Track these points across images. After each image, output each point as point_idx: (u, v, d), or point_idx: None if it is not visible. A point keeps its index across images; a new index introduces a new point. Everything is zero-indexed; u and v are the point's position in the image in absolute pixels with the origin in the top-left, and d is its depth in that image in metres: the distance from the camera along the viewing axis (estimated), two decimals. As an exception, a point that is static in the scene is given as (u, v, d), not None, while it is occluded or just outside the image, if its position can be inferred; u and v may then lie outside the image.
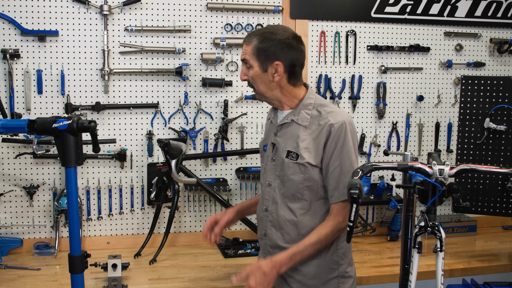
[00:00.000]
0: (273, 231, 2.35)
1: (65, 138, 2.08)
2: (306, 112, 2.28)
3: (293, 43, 2.25)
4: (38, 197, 3.24)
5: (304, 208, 2.28)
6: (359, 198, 1.70)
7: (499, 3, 3.77)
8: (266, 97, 2.33)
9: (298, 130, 2.28)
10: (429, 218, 1.96)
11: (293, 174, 2.26)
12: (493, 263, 3.15)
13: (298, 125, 2.28)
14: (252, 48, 2.25)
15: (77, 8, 3.19)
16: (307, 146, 2.24)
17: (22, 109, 3.16)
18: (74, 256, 2.13)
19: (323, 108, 2.27)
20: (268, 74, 2.25)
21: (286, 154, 2.28)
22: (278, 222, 2.33)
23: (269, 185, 2.37)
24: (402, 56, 3.70)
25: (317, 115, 2.26)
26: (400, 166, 1.90)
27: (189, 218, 3.47)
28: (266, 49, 2.23)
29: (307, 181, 2.25)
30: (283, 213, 2.31)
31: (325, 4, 3.52)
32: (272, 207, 2.35)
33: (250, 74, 2.28)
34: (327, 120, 2.22)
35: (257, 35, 2.25)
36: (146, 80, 3.33)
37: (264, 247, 2.42)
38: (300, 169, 2.24)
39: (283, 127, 2.34)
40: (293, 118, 2.30)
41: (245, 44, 2.28)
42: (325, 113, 2.25)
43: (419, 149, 3.77)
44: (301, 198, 2.28)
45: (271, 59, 2.23)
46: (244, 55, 2.28)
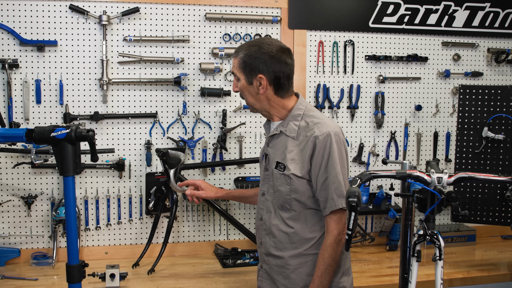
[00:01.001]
0: (267, 239, 2.37)
1: (63, 147, 2.09)
2: (294, 123, 2.30)
3: (277, 56, 2.25)
4: (36, 207, 3.23)
5: (294, 218, 2.29)
6: (357, 206, 1.70)
7: (496, 13, 3.78)
8: (256, 109, 2.37)
9: (286, 141, 2.30)
10: (428, 226, 1.95)
11: (280, 185, 2.28)
12: (493, 272, 3.14)
13: (287, 136, 2.30)
14: (239, 61, 2.29)
15: (76, 18, 3.20)
16: (294, 157, 2.25)
17: (21, 119, 3.16)
18: (72, 266, 2.13)
19: (310, 119, 2.28)
20: (253, 86, 2.29)
21: (276, 165, 2.31)
22: (271, 230, 2.34)
23: (263, 195, 2.40)
24: (400, 66, 3.71)
25: (305, 126, 2.27)
26: (398, 174, 1.90)
27: (188, 228, 3.46)
28: (250, 62, 2.26)
29: (293, 193, 2.26)
30: (275, 222, 2.33)
31: (323, 14, 3.54)
32: (266, 216, 2.37)
33: (239, 86, 2.34)
34: (312, 131, 2.22)
35: (243, 49, 2.29)
36: (145, 90, 3.33)
37: (260, 255, 2.44)
38: (286, 180, 2.26)
39: (273, 138, 2.37)
40: (281, 129, 2.32)
41: (233, 57, 2.33)
42: (312, 124, 2.25)
43: (417, 159, 3.78)
44: (290, 208, 2.29)
45: (255, 72, 2.26)
46: (233, 68, 2.34)
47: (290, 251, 2.30)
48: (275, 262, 2.34)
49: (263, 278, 2.41)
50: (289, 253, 2.30)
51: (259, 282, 2.45)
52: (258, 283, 2.46)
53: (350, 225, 1.74)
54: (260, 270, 2.44)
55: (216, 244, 3.45)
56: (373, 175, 1.84)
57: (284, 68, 2.27)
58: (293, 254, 2.29)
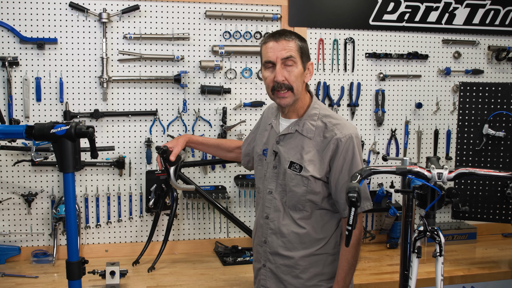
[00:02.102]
0: (274, 238, 2.33)
1: (63, 143, 2.08)
2: (311, 123, 2.25)
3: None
4: (36, 204, 3.23)
5: (305, 218, 2.27)
6: (357, 202, 1.69)
7: (497, 11, 3.78)
8: (297, 99, 2.24)
9: (302, 141, 2.25)
10: (428, 222, 1.95)
11: (295, 186, 2.24)
12: (493, 270, 3.14)
13: (303, 136, 2.25)
14: (296, 45, 2.19)
15: (76, 16, 3.20)
16: (312, 159, 2.22)
17: (21, 116, 3.16)
18: (72, 262, 2.12)
19: (328, 119, 2.25)
20: (305, 74, 2.23)
21: (289, 165, 2.25)
22: (280, 230, 2.30)
23: (270, 193, 2.35)
24: (400, 63, 3.71)
25: (322, 126, 2.24)
26: (398, 170, 1.89)
27: (188, 225, 3.46)
28: (305, 48, 2.23)
29: (309, 194, 2.23)
30: (286, 222, 2.29)
31: (323, 12, 3.54)
32: (274, 215, 2.33)
33: (295, 72, 2.18)
34: (333, 133, 2.20)
35: (293, 34, 2.21)
36: (145, 87, 3.33)
37: (264, 254, 2.39)
38: (303, 181, 2.23)
39: (286, 136, 2.31)
40: (297, 129, 2.27)
41: (284, 41, 2.17)
42: (330, 125, 2.22)
43: (418, 156, 3.77)
44: (302, 209, 2.26)
45: (308, 58, 2.23)
46: (290, 52, 2.17)
47: (301, 251, 2.28)
48: (283, 262, 2.31)
49: (267, 277, 2.36)
50: (299, 253, 2.27)
51: (263, 281, 2.39)
52: (261, 282, 2.40)
53: (350, 220, 1.74)
54: (262, 268, 2.39)
55: (216, 242, 3.45)
56: (373, 171, 1.83)
57: None
58: (304, 255, 2.27)
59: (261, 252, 2.40)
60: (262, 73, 2.30)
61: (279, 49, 2.16)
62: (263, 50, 2.24)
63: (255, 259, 2.47)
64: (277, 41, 2.17)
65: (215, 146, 2.84)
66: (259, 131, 2.54)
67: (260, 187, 2.44)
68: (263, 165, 2.42)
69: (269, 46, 2.19)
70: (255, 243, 2.46)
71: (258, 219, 2.43)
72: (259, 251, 2.41)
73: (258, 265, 2.42)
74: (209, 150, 2.83)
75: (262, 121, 2.55)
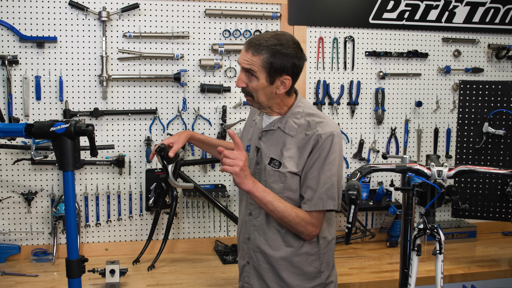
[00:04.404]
0: (257, 235, 2.31)
1: (63, 142, 2.07)
2: (293, 121, 2.25)
3: (299, 55, 2.19)
4: (36, 203, 3.23)
5: None
6: (357, 199, 1.69)
7: (497, 9, 3.78)
8: (262, 106, 2.27)
9: (284, 139, 2.25)
10: (428, 220, 1.95)
11: (273, 182, 2.24)
12: (493, 268, 3.14)
13: (284, 133, 2.25)
14: (262, 61, 2.15)
15: (76, 14, 3.20)
16: (292, 156, 2.21)
17: (21, 115, 3.16)
18: (72, 261, 2.11)
19: (311, 118, 2.24)
20: (273, 86, 2.19)
21: (269, 161, 2.25)
22: (263, 227, 2.30)
23: None
24: (400, 62, 3.71)
25: (305, 124, 2.23)
26: (398, 168, 1.89)
27: (188, 224, 3.46)
28: (277, 63, 2.15)
29: (287, 191, 2.22)
30: (268, 219, 2.28)
31: (323, 10, 3.53)
32: (256, 211, 2.32)
33: (254, 84, 2.19)
34: (315, 130, 2.19)
35: (267, 48, 2.14)
36: (145, 86, 3.33)
37: (248, 251, 2.36)
38: (280, 178, 2.22)
39: (268, 133, 2.30)
40: (280, 126, 2.26)
41: (251, 54, 2.16)
42: (313, 123, 2.22)
43: (418, 155, 3.77)
44: None
45: (281, 73, 2.17)
46: (251, 66, 2.17)
47: (282, 250, 2.26)
48: (265, 260, 2.30)
49: (251, 274, 2.35)
50: (280, 252, 2.26)
51: (246, 278, 2.37)
52: (245, 279, 2.37)
53: (350, 218, 1.74)
54: (246, 265, 2.36)
55: (216, 241, 3.45)
56: (373, 168, 1.83)
57: (302, 66, 2.23)
58: (285, 253, 2.26)
59: (245, 249, 2.38)
60: None
61: (244, 58, 2.19)
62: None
63: (240, 256, 2.45)
64: (246, 51, 2.18)
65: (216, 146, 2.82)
66: (245, 128, 2.55)
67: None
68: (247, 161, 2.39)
69: (242, 51, 2.22)
70: (240, 240, 2.44)
71: (243, 216, 2.41)
72: (244, 248, 2.39)
73: (243, 262, 2.40)
74: (210, 149, 2.82)
75: (248, 118, 2.55)
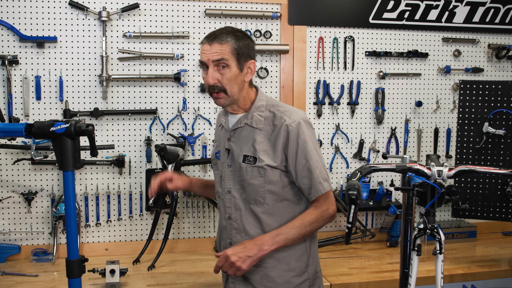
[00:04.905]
0: (239, 238, 2.26)
1: (63, 141, 2.07)
2: (259, 114, 2.24)
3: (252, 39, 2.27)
4: (36, 203, 3.23)
5: (268, 212, 2.22)
6: (357, 199, 1.69)
7: (497, 9, 3.78)
8: (234, 100, 2.22)
9: (253, 133, 2.23)
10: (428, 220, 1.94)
11: (252, 178, 2.21)
12: (494, 268, 3.14)
13: (252, 128, 2.23)
14: (231, 47, 2.14)
15: (76, 14, 3.20)
16: (265, 148, 2.20)
17: (21, 115, 3.16)
18: (72, 261, 2.11)
19: (276, 109, 2.24)
20: (242, 74, 2.19)
21: (243, 158, 2.23)
22: (244, 228, 2.25)
23: (229, 192, 2.28)
24: (400, 61, 3.71)
25: (271, 116, 2.23)
26: (398, 168, 1.89)
27: (188, 224, 3.45)
28: (242, 48, 2.17)
29: (268, 184, 2.20)
30: (248, 219, 2.24)
31: (323, 10, 3.53)
32: (235, 214, 2.27)
33: (227, 75, 2.16)
34: (282, 120, 2.19)
35: (230, 34, 2.16)
36: (145, 86, 3.33)
37: None
38: (259, 172, 2.20)
39: (236, 131, 2.28)
40: (246, 122, 2.25)
41: (218, 44, 2.14)
42: (279, 113, 2.21)
43: (418, 155, 3.77)
44: (263, 202, 2.21)
45: (247, 58, 2.19)
46: (222, 55, 2.14)
47: None
48: None
49: (237, 280, 2.27)
50: None
51: (232, 285, 2.30)
52: (230, 285, 2.31)
53: (350, 218, 1.73)
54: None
55: (216, 241, 3.44)
56: (373, 168, 1.83)
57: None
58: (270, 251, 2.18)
59: None
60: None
61: (211, 52, 2.14)
62: (200, 51, 2.21)
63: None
64: (210, 44, 2.15)
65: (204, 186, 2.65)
66: (217, 137, 2.48)
67: (219, 190, 2.35)
68: (218, 167, 2.37)
69: (203, 48, 2.17)
70: (221, 247, 2.37)
71: (221, 222, 2.35)
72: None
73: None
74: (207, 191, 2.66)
75: (216, 130, 2.49)
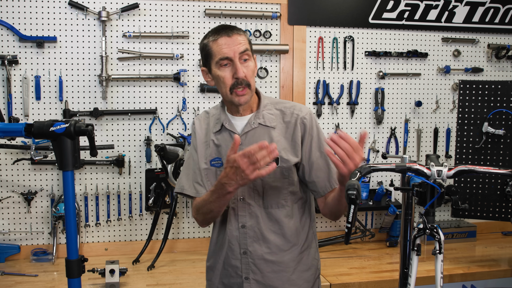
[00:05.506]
0: (257, 246, 2.14)
1: (63, 141, 2.08)
2: (269, 113, 2.15)
3: None
4: (36, 203, 3.23)
5: (288, 215, 2.15)
6: (357, 199, 1.69)
7: (497, 9, 3.78)
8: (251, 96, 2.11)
9: (268, 133, 2.12)
10: (428, 220, 1.94)
11: (274, 181, 2.11)
12: (493, 268, 3.14)
13: (267, 127, 2.13)
14: (247, 39, 2.06)
15: (75, 14, 3.20)
16: (284, 147, 2.12)
17: (20, 115, 3.16)
18: (71, 260, 2.12)
19: (281, 105, 2.18)
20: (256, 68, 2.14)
21: None
22: (262, 235, 2.14)
23: (242, 200, 2.14)
24: (400, 61, 3.71)
25: (279, 113, 2.16)
26: (398, 167, 1.89)
27: (187, 224, 3.45)
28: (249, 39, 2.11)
29: (290, 186, 2.12)
30: (267, 225, 2.13)
31: (323, 10, 3.53)
32: (251, 221, 2.13)
33: (251, 67, 2.06)
34: (294, 115, 2.13)
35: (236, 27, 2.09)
36: (144, 86, 3.33)
37: (245, 266, 2.15)
38: (283, 174, 2.11)
39: (248, 134, 2.12)
40: (260, 122, 2.13)
41: (236, 34, 2.03)
42: (287, 110, 2.16)
43: (417, 155, 3.77)
44: (285, 204, 2.14)
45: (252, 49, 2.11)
46: (245, 45, 2.03)
47: (288, 252, 2.15)
48: (271, 269, 2.14)
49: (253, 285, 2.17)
50: (287, 254, 2.15)
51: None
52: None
53: (349, 218, 1.73)
54: (245, 282, 2.15)
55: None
56: (372, 168, 1.83)
57: None
58: (292, 254, 2.15)
59: (240, 265, 2.16)
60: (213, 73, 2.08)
61: (234, 43, 2.01)
62: (214, 47, 2.04)
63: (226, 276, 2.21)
64: (230, 36, 2.01)
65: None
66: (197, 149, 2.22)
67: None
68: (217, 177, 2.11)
69: (222, 42, 2.02)
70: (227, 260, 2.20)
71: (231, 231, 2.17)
72: (236, 266, 2.17)
73: (237, 280, 2.17)
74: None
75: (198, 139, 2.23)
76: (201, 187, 2.18)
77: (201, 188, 2.18)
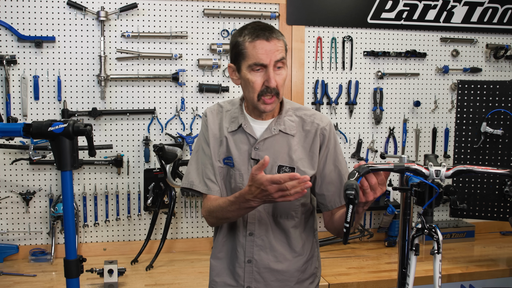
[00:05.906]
0: (263, 255, 2.10)
1: (61, 141, 2.07)
2: (290, 119, 2.08)
3: None
4: (35, 203, 3.23)
5: (296, 226, 2.12)
6: (355, 199, 1.69)
7: (495, 9, 3.78)
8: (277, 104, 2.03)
9: (287, 141, 2.06)
10: (426, 220, 1.94)
11: None
12: (491, 268, 3.14)
13: (287, 134, 2.06)
14: (284, 45, 1.96)
15: (74, 14, 3.20)
16: (302, 157, 2.07)
17: (19, 115, 3.15)
18: (70, 261, 2.12)
19: (302, 112, 2.11)
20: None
21: (277, 169, 2.03)
22: (270, 244, 2.09)
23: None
24: (398, 61, 3.71)
25: (299, 120, 2.09)
26: (396, 167, 1.89)
27: (186, 224, 3.45)
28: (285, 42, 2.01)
29: (303, 197, 2.07)
30: (275, 233, 2.10)
31: (321, 10, 3.54)
32: (259, 229, 2.09)
33: (284, 76, 1.96)
34: (315, 124, 2.07)
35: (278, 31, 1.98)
36: (143, 86, 3.33)
37: (249, 275, 2.11)
38: None
39: (266, 141, 2.05)
40: (281, 129, 2.06)
41: (275, 39, 1.92)
42: (308, 118, 2.09)
43: (416, 155, 3.77)
44: (295, 216, 2.11)
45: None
46: (282, 53, 1.93)
47: (294, 261, 2.12)
48: (275, 278, 2.11)
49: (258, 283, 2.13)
50: (293, 264, 2.12)
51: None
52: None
53: (348, 218, 1.73)
54: None
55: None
56: (371, 168, 1.83)
57: None
58: (297, 264, 2.13)
59: (242, 274, 2.12)
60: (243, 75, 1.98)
61: (272, 50, 1.91)
62: (250, 49, 1.93)
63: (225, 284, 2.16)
64: (269, 41, 1.91)
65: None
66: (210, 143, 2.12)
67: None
68: (231, 176, 2.09)
69: (260, 46, 1.92)
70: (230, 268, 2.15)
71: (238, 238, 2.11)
72: (239, 274, 2.12)
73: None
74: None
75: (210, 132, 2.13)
76: (214, 184, 2.09)
77: (213, 185, 2.09)
